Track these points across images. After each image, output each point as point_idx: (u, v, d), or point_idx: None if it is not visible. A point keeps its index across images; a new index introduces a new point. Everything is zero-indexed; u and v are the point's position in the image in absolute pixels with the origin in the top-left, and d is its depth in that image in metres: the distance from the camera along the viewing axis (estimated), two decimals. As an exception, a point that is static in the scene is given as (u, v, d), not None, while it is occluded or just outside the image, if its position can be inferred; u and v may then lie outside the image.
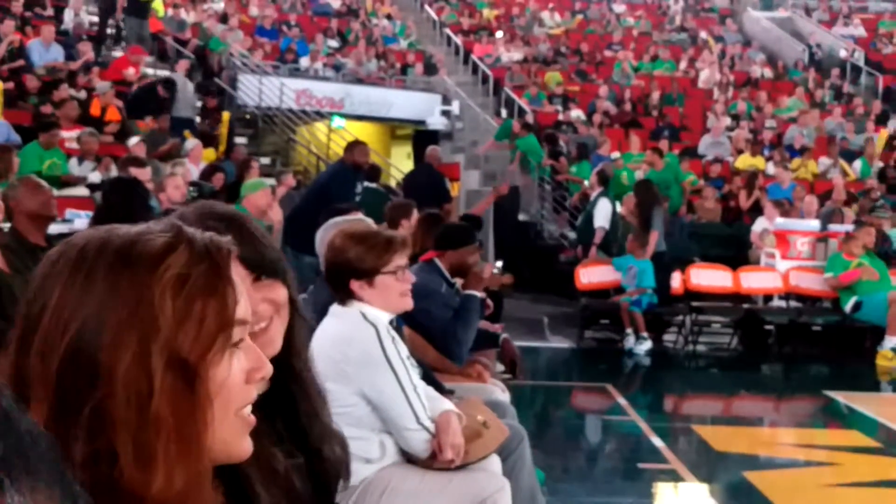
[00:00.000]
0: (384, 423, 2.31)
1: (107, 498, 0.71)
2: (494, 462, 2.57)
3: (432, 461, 2.35)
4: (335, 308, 2.36)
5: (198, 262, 0.77)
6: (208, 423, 0.76)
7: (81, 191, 7.62)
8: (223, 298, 0.77)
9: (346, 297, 2.34)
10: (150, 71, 11.30)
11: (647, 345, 7.87)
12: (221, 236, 0.83)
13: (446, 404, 2.46)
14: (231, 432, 0.79)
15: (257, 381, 0.82)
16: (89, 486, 0.68)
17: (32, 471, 0.39)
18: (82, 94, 9.82)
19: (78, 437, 0.73)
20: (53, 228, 4.12)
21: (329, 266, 2.38)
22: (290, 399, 1.26)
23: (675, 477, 4.46)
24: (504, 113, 14.04)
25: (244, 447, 0.82)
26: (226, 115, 10.74)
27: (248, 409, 0.82)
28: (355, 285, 2.29)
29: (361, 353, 2.26)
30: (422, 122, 14.34)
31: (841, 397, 6.56)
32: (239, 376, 0.79)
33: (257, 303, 1.18)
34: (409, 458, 2.38)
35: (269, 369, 0.83)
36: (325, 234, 3.25)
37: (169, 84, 10.25)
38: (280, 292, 1.22)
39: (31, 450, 0.39)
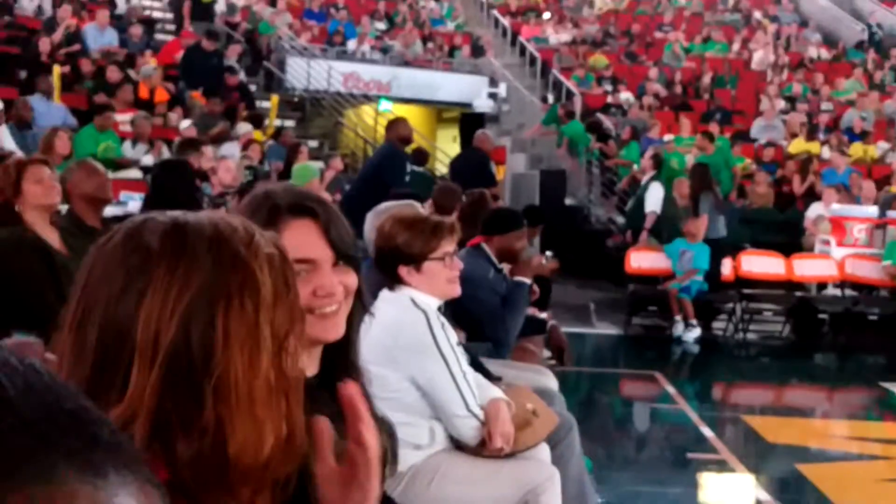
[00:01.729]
0: (433, 409, 2.31)
1: (215, 470, 0.74)
2: (544, 451, 2.56)
3: (482, 449, 2.35)
4: (385, 293, 2.36)
5: (271, 244, 0.83)
6: (293, 398, 0.81)
7: (135, 173, 7.76)
8: (295, 285, 0.84)
9: (395, 282, 2.34)
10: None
11: (696, 332, 7.75)
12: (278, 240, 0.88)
13: (496, 392, 2.45)
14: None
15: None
16: (192, 460, 0.73)
17: (121, 465, 0.39)
18: (135, 78, 9.98)
19: (185, 413, 0.75)
20: (108, 211, 4.20)
21: (378, 251, 2.38)
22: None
23: (724, 467, 4.40)
24: (551, 96, 13.89)
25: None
26: (274, 99, 10.83)
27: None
28: (403, 271, 2.29)
29: (411, 338, 2.26)
30: (468, 105, 14.27)
31: (898, 389, 6.38)
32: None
33: (335, 285, 1.23)
34: (458, 445, 2.38)
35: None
36: (374, 220, 3.26)
37: (211, 34, 10.43)
38: (353, 279, 1.26)
39: (115, 446, 0.40)
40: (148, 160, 7.90)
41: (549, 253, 4.43)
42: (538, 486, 2.37)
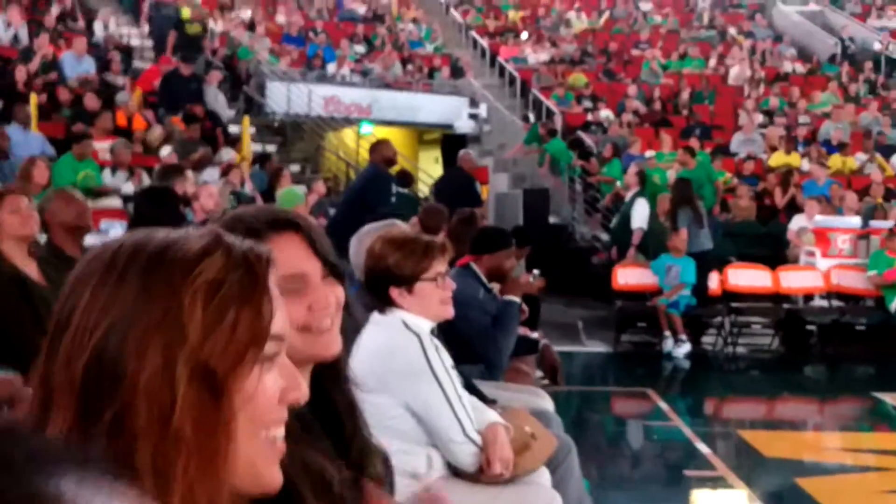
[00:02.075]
0: (430, 435, 2.24)
1: None
2: (543, 475, 2.49)
3: (480, 475, 2.27)
4: (375, 317, 2.29)
5: (234, 268, 0.73)
6: (232, 439, 0.71)
7: (115, 201, 7.66)
8: (258, 308, 0.73)
9: (385, 304, 2.27)
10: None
11: (685, 347, 7.72)
12: (261, 245, 0.78)
13: (493, 415, 2.38)
14: (259, 455, 0.74)
15: (290, 402, 0.76)
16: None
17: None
18: (112, 105, 9.89)
19: (97, 446, 0.68)
20: (89, 240, 4.10)
21: (368, 273, 2.31)
22: (334, 412, 1.21)
23: (724, 484, 4.34)
24: (532, 115, 13.93)
25: (273, 476, 0.75)
26: (245, 120, 10.74)
27: (280, 434, 0.76)
28: (395, 293, 2.22)
29: (405, 363, 2.19)
30: (449, 126, 14.29)
31: (889, 399, 6.37)
32: (271, 393, 0.74)
33: (330, 297, 1.17)
34: (456, 472, 2.30)
35: (304, 392, 0.77)
36: (360, 242, 3.20)
37: (187, 58, 10.32)
38: (342, 292, 1.21)
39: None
40: (128, 188, 7.80)
41: (535, 271, 4.39)
42: (539, 511, 2.30)
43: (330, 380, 1.20)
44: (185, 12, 12.22)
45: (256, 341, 0.72)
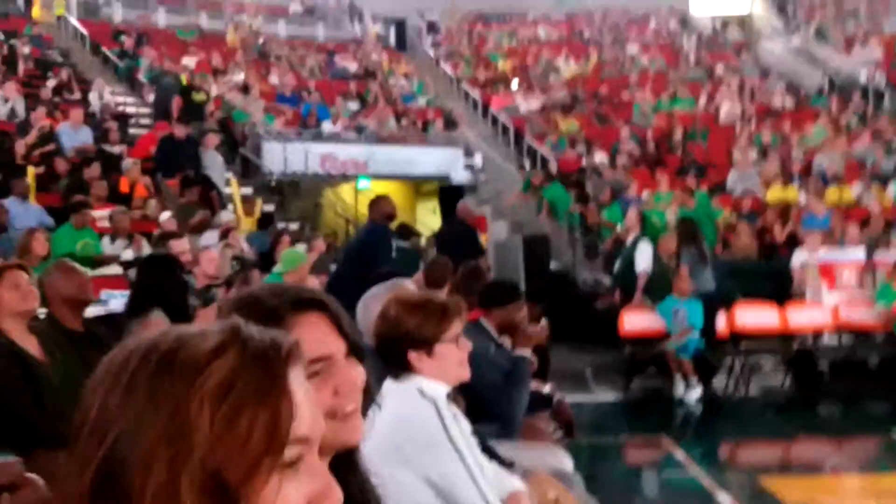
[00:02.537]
0: (452, 509, 2.14)
1: None
2: (569, 541, 2.39)
3: (504, 546, 2.18)
4: (389, 384, 2.21)
5: (248, 367, 0.67)
6: None
7: (115, 269, 7.60)
8: (275, 410, 0.67)
9: (402, 370, 2.19)
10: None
11: (697, 391, 7.60)
12: (288, 336, 0.72)
13: (515, 483, 2.30)
14: None
15: None
16: None
17: None
18: (110, 173, 9.92)
19: None
20: (89, 311, 4.04)
21: (383, 338, 2.24)
22: (353, 499, 1.14)
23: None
24: (527, 161, 14.00)
25: None
26: (234, 182, 10.74)
27: None
28: (413, 356, 2.15)
29: (423, 434, 2.11)
30: (446, 177, 14.35)
31: (908, 435, 6.25)
32: (296, 503, 0.67)
33: (356, 377, 1.11)
34: (479, 544, 2.20)
35: (339, 497, 0.70)
36: (367, 306, 3.13)
37: (180, 120, 10.37)
38: (363, 373, 1.15)
39: None
40: (128, 255, 7.76)
41: (542, 321, 4.32)
42: (568, 582, 2.20)
43: (343, 466, 1.13)
44: (184, 79, 12.35)
45: (273, 448, 0.66)
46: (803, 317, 8.48)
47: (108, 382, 0.69)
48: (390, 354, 2.19)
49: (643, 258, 8.75)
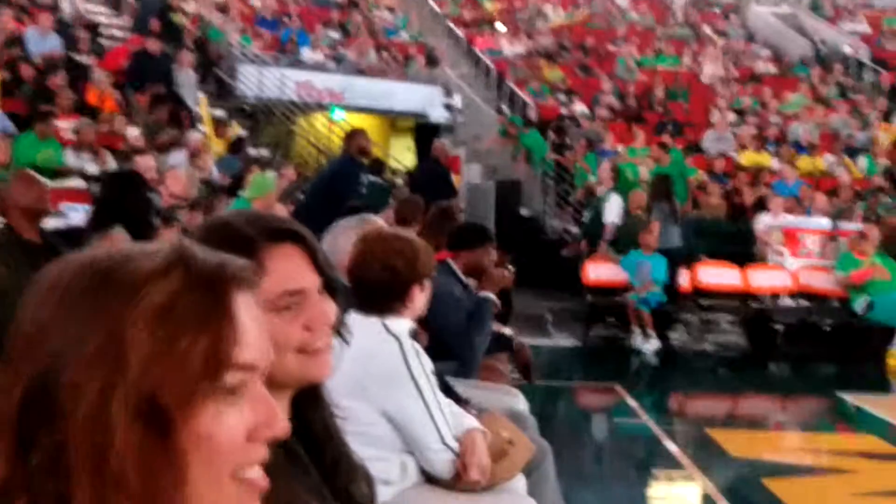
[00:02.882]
0: (406, 442, 2.16)
1: None
2: (520, 481, 2.43)
3: (456, 482, 2.21)
4: (355, 317, 2.20)
5: (190, 290, 0.65)
6: (183, 482, 0.63)
7: (77, 182, 7.44)
8: (216, 334, 0.64)
9: (398, 307, 2.18)
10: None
11: (654, 343, 7.74)
12: (238, 259, 0.69)
13: (470, 421, 2.31)
14: (226, 499, 0.65)
15: (265, 439, 0.67)
16: None
17: None
18: (78, 83, 9.64)
19: (23, 487, 0.61)
20: (50, 223, 3.97)
21: (395, 276, 2.20)
22: (317, 435, 1.13)
23: (693, 485, 4.33)
24: (506, 106, 13.88)
25: None
26: (203, 101, 10.49)
27: (256, 471, 0.67)
28: (416, 291, 2.17)
29: (384, 368, 2.11)
30: (423, 115, 14.17)
31: (851, 399, 6.44)
32: (235, 432, 0.65)
33: (329, 313, 1.09)
34: (430, 479, 2.23)
35: (283, 427, 0.68)
36: (336, 238, 3.09)
37: (155, 35, 10.08)
38: (335, 309, 1.12)
39: None
40: (92, 169, 7.59)
41: (509, 266, 4.32)
42: (515, 519, 2.24)
43: (306, 402, 1.12)
44: None
45: (211, 373, 0.64)
46: (764, 279, 8.63)
47: (42, 296, 0.66)
48: (393, 291, 2.17)
49: (612, 210, 8.80)
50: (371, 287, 2.16)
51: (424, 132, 13.60)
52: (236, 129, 10.51)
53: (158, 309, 0.63)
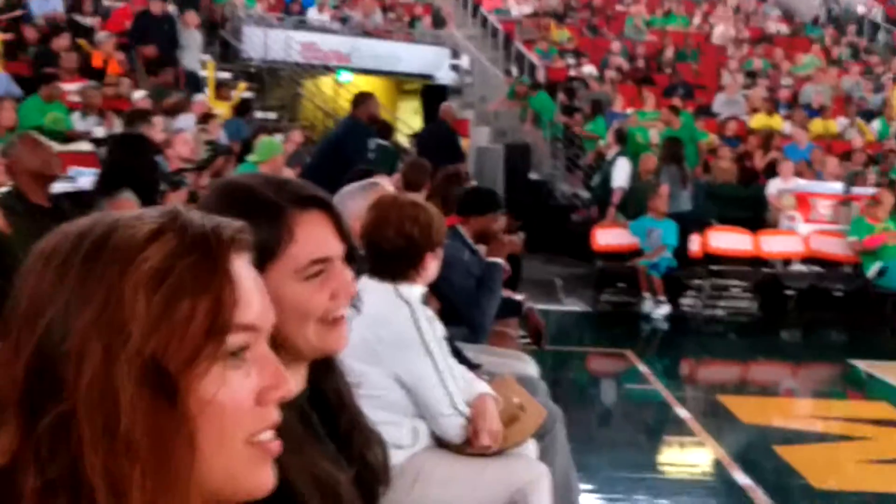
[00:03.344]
0: (417, 407, 2.14)
1: None
2: (531, 447, 2.42)
3: (466, 446, 2.19)
4: (366, 283, 2.17)
5: (187, 253, 0.64)
6: (194, 448, 0.63)
7: (85, 146, 7.39)
8: (216, 297, 0.64)
9: (413, 273, 2.16)
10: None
11: (664, 309, 7.71)
12: (233, 222, 0.68)
13: (482, 386, 2.29)
14: (239, 463, 0.65)
15: (272, 402, 0.66)
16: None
17: None
18: (83, 45, 9.53)
19: (32, 459, 0.60)
20: (57, 187, 3.93)
21: (410, 243, 2.16)
22: (331, 403, 1.11)
23: (704, 451, 4.33)
24: (514, 67, 13.70)
25: (261, 480, 0.67)
26: (210, 65, 10.39)
27: (268, 434, 0.67)
28: (429, 258, 2.15)
29: (396, 333, 2.08)
30: (430, 77, 14.01)
31: (863, 365, 6.41)
32: (243, 395, 0.65)
33: (351, 282, 1.06)
34: (441, 443, 2.22)
35: (289, 388, 0.67)
36: (343, 203, 3.05)
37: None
38: (355, 281, 1.10)
39: None
40: (100, 132, 7.54)
41: (520, 234, 4.28)
42: (527, 484, 2.23)
43: (319, 371, 1.09)
44: None
45: (214, 336, 0.63)
46: (775, 244, 8.56)
47: (40, 266, 0.64)
48: (407, 257, 2.15)
49: (620, 174, 8.70)
50: (385, 253, 2.13)
51: (432, 94, 13.46)
52: (241, 91, 10.40)
53: (155, 272, 0.62)
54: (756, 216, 9.31)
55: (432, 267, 2.22)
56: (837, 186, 9.07)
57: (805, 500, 3.78)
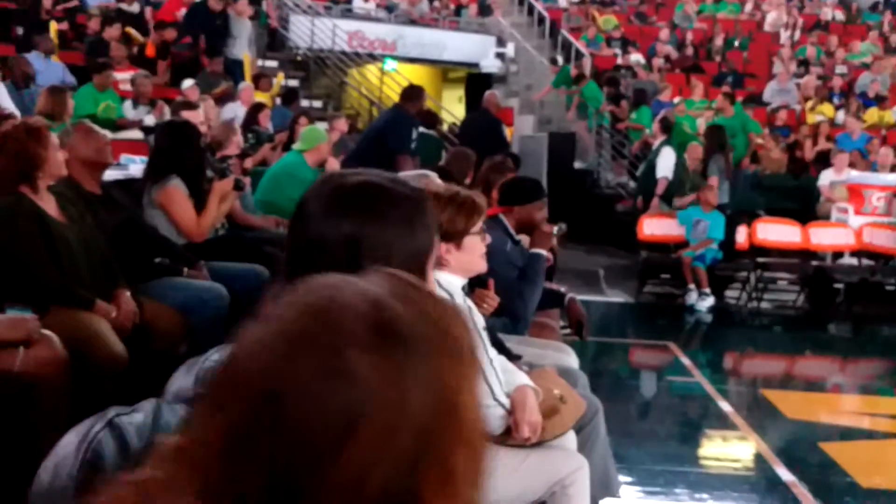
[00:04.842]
0: (458, 397, 2.16)
1: None
2: (570, 439, 2.42)
3: (506, 438, 2.21)
4: (406, 274, 2.19)
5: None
6: None
7: (136, 134, 7.55)
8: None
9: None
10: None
11: (709, 301, 7.61)
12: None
13: (522, 377, 2.30)
14: None
15: None
16: None
17: None
18: (131, 35, 9.71)
19: None
20: (109, 174, 4.02)
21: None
22: None
23: (746, 445, 4.28)
24: (560, 57, 13.58)
25: None
26: (246, 57, 10.48)
27: None
28: (443, 249, 2.14)
29: (435, 324, 2.10)
30: (475, 65, 13.98)
31: (915, 361, 6.26)
32: None
33: None
34: (481, 433, 2.23)
35: None
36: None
37: None
38: None
39: None
40: (150, 120, 7.69)
41: (563, 225, 4.26)
42: (566, 476, 2.23)
43: None
44: None
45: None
46: (825, 236, 8.37)
47: (280, 347, 0.59)
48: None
49: (664, 164, 8.58)
50: None
51: (476, 83, 13.42)
52: (280, 80, 10.47)
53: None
54: (805, 208, 9.12)
55: (468, 257, 2.22)
56: (891, 178, 8.82)
57: (850, 498, 3.71)
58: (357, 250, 1.10)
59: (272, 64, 11.34)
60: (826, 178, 9.23)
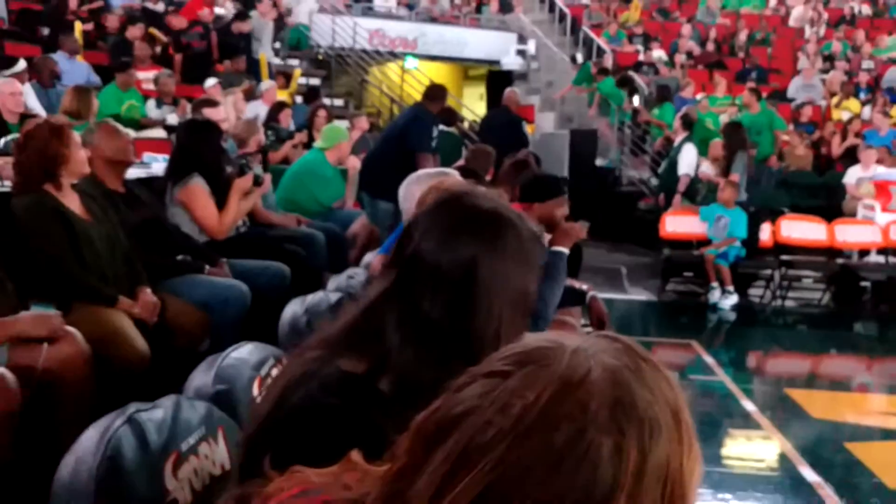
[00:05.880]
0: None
1: None
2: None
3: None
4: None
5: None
6: None
7: (159, 133, 7.61)
8: None
9: None
10: (221, 11, 11.19)
11: (732, 299, 7.53)
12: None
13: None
14: None
15: None
16: None
17: None
18: (154, 34, 9.79)
19: None
20: (131, 173, 4.06)
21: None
22: None
23: (770, 445, 4.22)
24: (581, 54, 13.52)
25: None
26: (262, 56, 10.55)
27: None
28: None
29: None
30: (496, 62, 13.95)
31: (943, 361, 6.15)
32: None
33: None
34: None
35: None
36: (410, 187, 3.08)
37: (241, 16, 10.13)
38: None
39: None
40: (173, 119, 7.74)
41: (585, 222, 4.22)
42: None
43: None
44: None
45: None
46: (851, 233, 8.26)
47: (517, 420, 0.58)
48: None
49: (686, 161, 8.51)
50: None
51: (497, 80, 13.39)
52: (296, 78, 10.50)
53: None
54: (831, 205, 9.01)
55: None
56: (920, 175, 8.69)
57: (877, 499, 3.66)
58: (473, 276, 1.08)
59: (293, 62, 11.39)
60: (853, 174, 9.11)
